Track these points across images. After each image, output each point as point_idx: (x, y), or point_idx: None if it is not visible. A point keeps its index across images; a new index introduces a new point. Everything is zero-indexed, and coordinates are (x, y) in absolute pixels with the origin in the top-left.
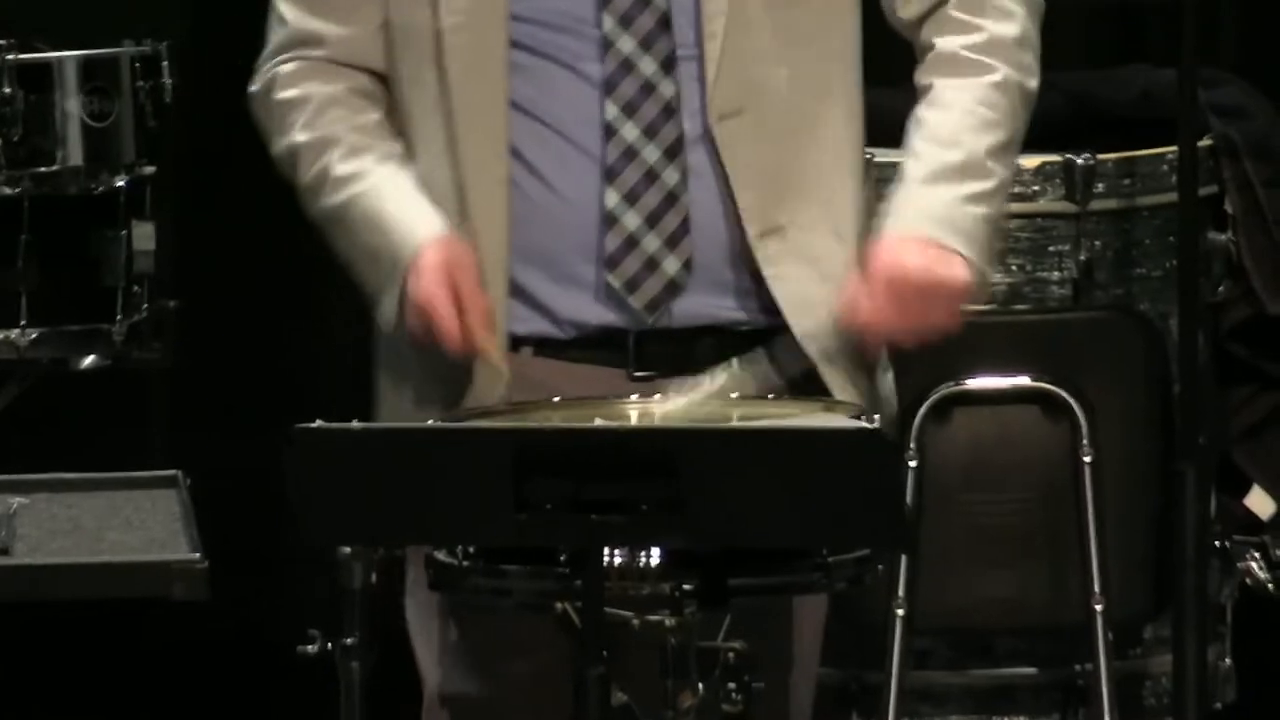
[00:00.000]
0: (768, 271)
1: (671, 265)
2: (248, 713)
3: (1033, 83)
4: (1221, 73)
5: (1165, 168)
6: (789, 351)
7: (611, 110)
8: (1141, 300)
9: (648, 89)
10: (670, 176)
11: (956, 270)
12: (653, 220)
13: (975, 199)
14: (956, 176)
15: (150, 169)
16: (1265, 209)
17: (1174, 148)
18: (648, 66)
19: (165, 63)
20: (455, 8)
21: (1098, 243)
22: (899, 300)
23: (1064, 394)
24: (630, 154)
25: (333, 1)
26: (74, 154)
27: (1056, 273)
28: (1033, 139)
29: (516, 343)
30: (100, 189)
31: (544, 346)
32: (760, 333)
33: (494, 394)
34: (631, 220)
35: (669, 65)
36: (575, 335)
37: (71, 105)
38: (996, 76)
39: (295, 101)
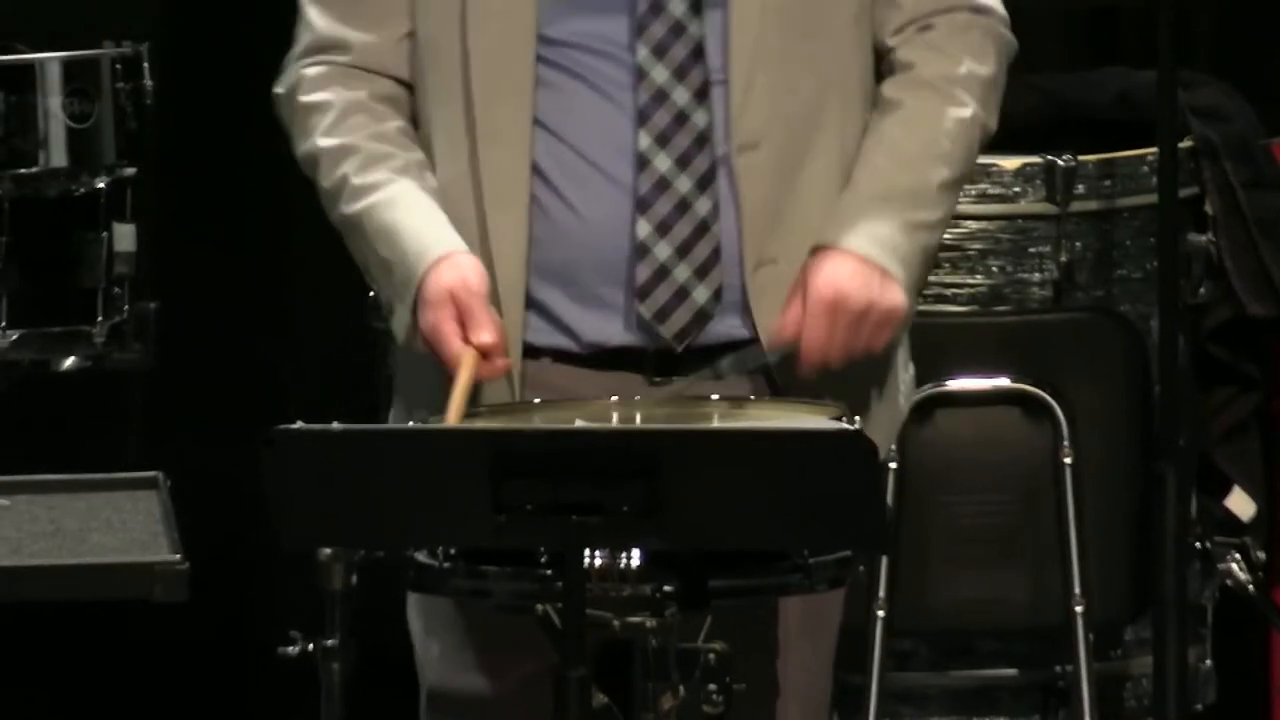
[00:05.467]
0: (755, 302)
1: (701, 294)
2: (228, 714)
3: (993, 125)
4: (1199, 75)
5: (1145, 169)
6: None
7: (645, 140)
8: (1122, 302)
9: (681, 119)
10: (702, 206)
11: (893, 296)
12: (684, 250)
13: (919, 227)
14: (906, 202)
15: (131, 170)
16: (1245, 210)
17: (1154, 149)
18: (681, 96)
19: (146, 64)
20: (484, 27)
21: (1078, 244)
22: (835, 323)
23: (1044, 395)
24: (663, 184)
25: (359, 9)
26: (55, 155)
27: (1037, 274)
28: (1012, 141)
29: (535, 352)
30: (81, 190)
31: (561, 357)
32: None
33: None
34: (663, 250)
35: (702, 95)
36: (593, 352)
37: (52, 107)
38: (966, 113)
39: (318, 106)
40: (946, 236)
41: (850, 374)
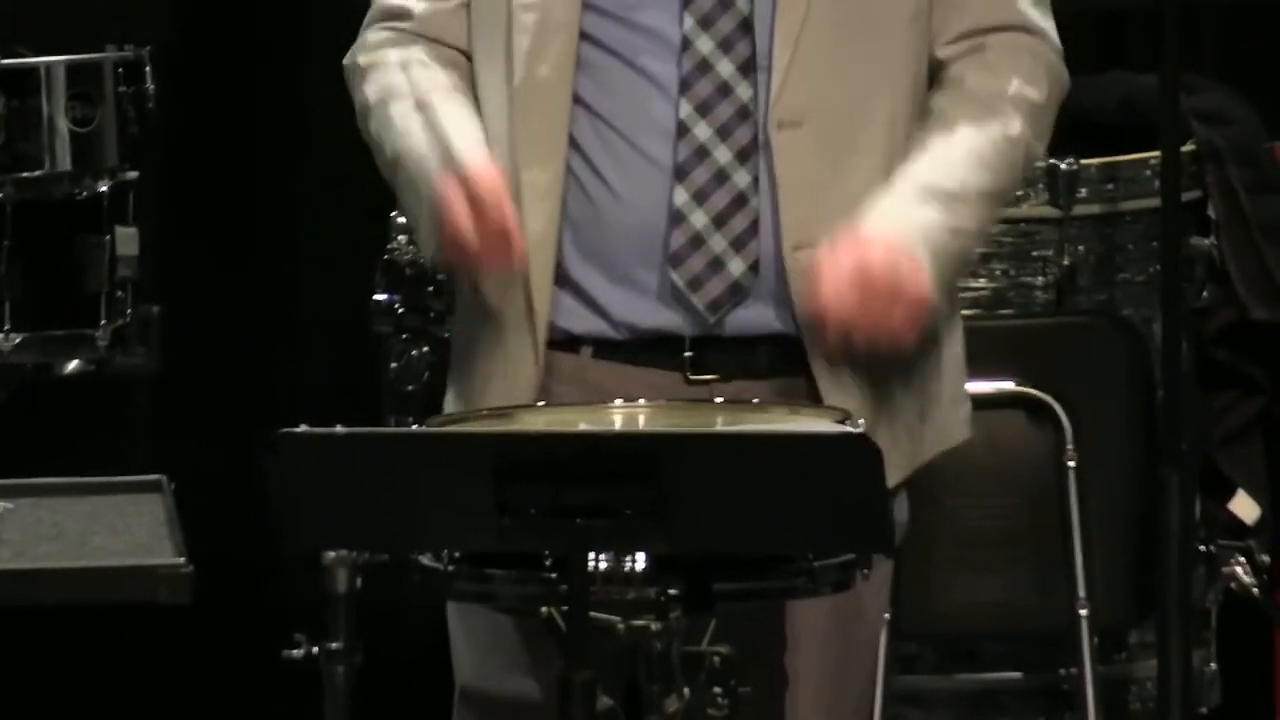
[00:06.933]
0: (794, 285)
1: (737, 267)
2: (233, 717)
3: (1040, 149)
4: (1202, 79)
5: (1148, 173)
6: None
7: (685, 109)
8: (1125, 305)
9: (724, 90)
10: (741, 179)
11: (919, 282)
12: (720, 221)
13: (954, 232)
14: (944, 204)
15: (133, 174)
16: (1248, 214)
17: (1157, 153)
18: (725, 69)
19: (148, 68)
20: None
21: (1081, 247)
22: (861, 292)
23: (1048, 399)
24: (701, 153)
25: None
26: (57, 159)
27: (1040, 278)
28: None
29: (575, 342)
30: (84, 194)
31: (602, 348)
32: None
33: (563, 395)
34: (699, 219)
35: (747, 69)
36: (629, 337)
37: (55, 111)
38: (1013, 130)
39: (375, 64)
40: None
41: (886, 388)
